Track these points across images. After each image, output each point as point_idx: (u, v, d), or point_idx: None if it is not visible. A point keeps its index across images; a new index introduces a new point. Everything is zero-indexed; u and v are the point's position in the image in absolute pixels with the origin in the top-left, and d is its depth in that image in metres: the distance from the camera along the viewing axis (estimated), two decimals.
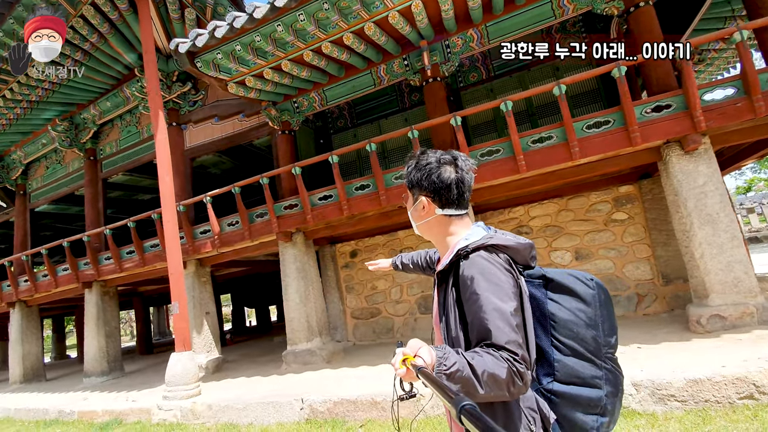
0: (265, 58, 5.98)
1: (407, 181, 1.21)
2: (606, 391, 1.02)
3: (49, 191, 10.68)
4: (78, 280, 8.89)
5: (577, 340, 1.02)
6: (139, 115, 9.33)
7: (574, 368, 1.02)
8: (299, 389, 5.14)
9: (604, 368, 1.02)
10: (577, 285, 1.05)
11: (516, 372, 0.88)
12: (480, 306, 0.96)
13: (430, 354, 0.84)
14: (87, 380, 8.74)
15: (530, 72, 7.41)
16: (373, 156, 6.00)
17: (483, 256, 1.02)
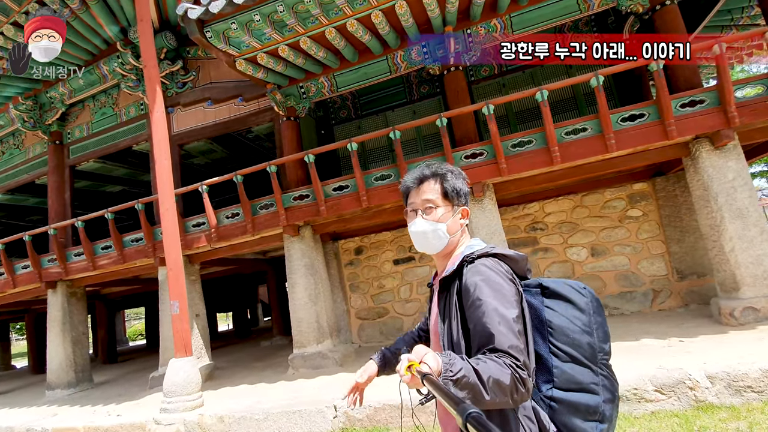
0: (282, 33, 5.49)
1: (453, 189, 1.18)
2: (604, 398, 1.03)
3: (3, 179, 9.39)
4: (41, 279, 7.81)
5: (574, 347, 1.04)
6: (116, 95, 8.41)
7: (572, 374, 1.03)
8: (322, 395, 4.67)
9: (601, 374, 1.04)
10: (572, 293, 1.08)
11: (519, 378, 0.89)
12: (483, 312, 0.97)
13: (436, 360, 0.84)
14: (51, 393, 7.67)
15: (543, 69, 7.38)
16: (397, 144, 5.66)
17: (487, 264, 1.04)
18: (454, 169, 1.22)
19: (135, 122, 8.19)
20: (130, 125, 8.23)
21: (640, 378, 3.56)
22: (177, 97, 7.91)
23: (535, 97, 5.21)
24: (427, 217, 1.19)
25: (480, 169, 5.51)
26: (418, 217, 1.20)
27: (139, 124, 8.16)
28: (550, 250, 6.72)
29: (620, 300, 6.36)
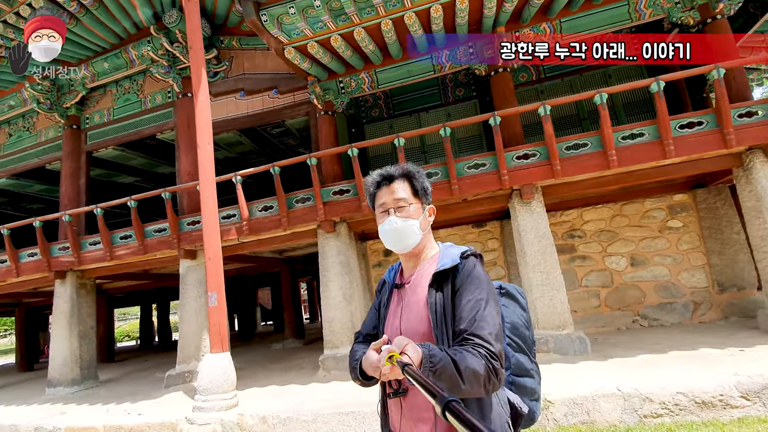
0: (337, 22, 5.37)
1: (420, 188, 1.23)
2: (537, 380, 1.23)
3: (9, 163, 8.95)
4: (49, 268, 7.38)
5: (522, 339, 1.22)
6: (142, 81, 8.14)
7: (521, 362, 1.20)
8: (363, 397, 4.41)
9: (533, 362, 1.23)
10: (518, 296, 1.28)
11: (492, 368, 0.94)
12: (473, 303, 1.04)
13: (416, 351, 0.87)
14: (52, 391, 7.17)
15: (582, 77, 7.40)
16: (447, 142, 5.54)
17: (477, 263, 1.13)
18: (419, 169, 1.26)
19: (160, 110, 7.92)
20: (155, 113, 7.95)
21: (724, 385, 3.44)
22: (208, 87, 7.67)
23: (593, 99, 5.16)
24: (400, 215, 1.19)
25: (532, 170, 5.41)
26: (391, 216, 1.20)
27: (165, 112, 7.89)
28: (588, 258, 6.63)
29: (660, 311, 6.27)
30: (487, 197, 5.88)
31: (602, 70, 7.34)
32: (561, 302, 5.32)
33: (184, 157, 7.33)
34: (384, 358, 0.85)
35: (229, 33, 7.64)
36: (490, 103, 7.64)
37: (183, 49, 7.26)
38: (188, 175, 7.25)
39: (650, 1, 5.87)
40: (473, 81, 7.92)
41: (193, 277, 6.83)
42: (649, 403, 3.51)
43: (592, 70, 7.36)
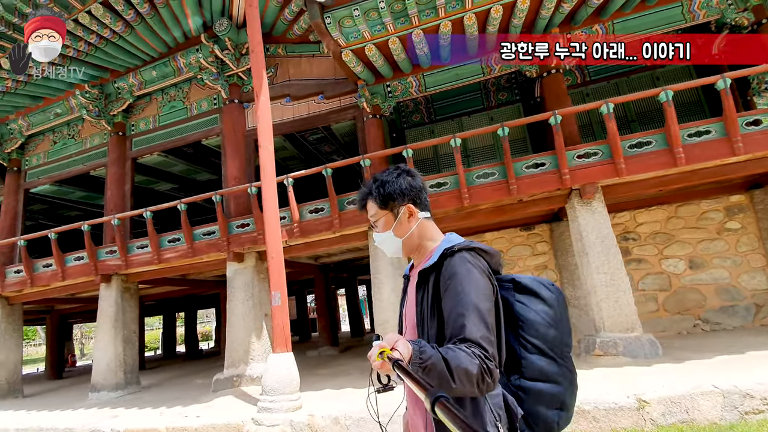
0: (395, 24, 5.43)
1: (381, 199, 1.21)
2: (564, 387, 1.08)
3: (54, 169, 9.11)
4: (96, 272, 7.42)
5: (542, 339, 1.08)
6: (188, 89, 8.30)
7: (539, 366, 1.07)
8: None
9: (563, 366, 1.09)
10: (540, 288, 1.13)
11: (486, 369, 0.92)
12: (458, 302, 1.01)
13: (407, 347, 0.87)
14: (95, 395, 7.12)
15: (629, 79, 7.37)
16: (505, 141, 5.52)
17: (466, 257, 1.07)
18: (382, 177, 1.23)
19: (206, 116, 8.05)
20: (201, 119, 8.08)
21: None
22: (253, 93, 7.79)
23: (658, 97, 5.12)
24: (377, 230, 1.26)
25: (593, 169, 5.35)
26: (374, 232, 1.29)
27: (210, 119, 8.01)
28: (644, 261, 6.49)
29: (722, 315, 6.08)
30: (544, 198, 5.82)
31: (650, 72, 7.31)
32: (627, 304, 5.19)
33: (231, 162, 7.40)
34: (375, 354, 0.85)
35: (274, 41, 7.79)
36: (533, 107, 7.65)
37: (232, 56, 7.41)
38: (235, 179, 7.30)
39: (704, 2, 5.87)
40: (516, 85, 7.94)
41: (241, 281, 6.81)
42: (750, 399, 3.36)
43: (638, 72, 7.33)
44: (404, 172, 1.24)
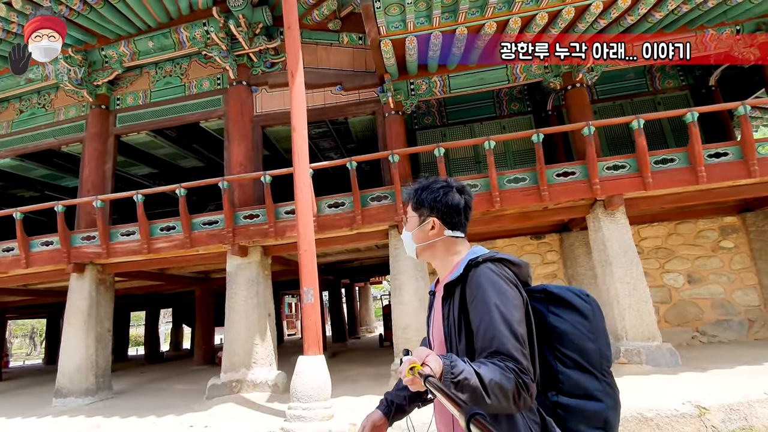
0: (441, 19, 5.30)
1: (415, 201, 1.23)
2: (607, 404, 1.02)
3: (17, 141, 7.97)
4: (69, 259, 6.52)
5: (579, 353, 1.03)
6: (187, 65, 7.62)
7: (577, 381, 1.02)
8: None
9: (604, 381, 1.03)
10: (574, 299, 1.07)
11: (522, 383, 0.89)
12: (486, 315, 0.97)
13: (438, 362, 0.83)
14: (61, 401, 6.21)
15: (632, 101, 7.76)
16: (539, 148, 5.54)
17: (491, 267, 1.04)
18: (428, 183, 1.23)
19: (206, 96, 7.43)
20: (201, 99, 7.44)
21: None
22: (264, 77, 7.34)
23: (684, 117, 5.37)
24: (405, 227, 1.28)
25: (622, 181, 5.50)
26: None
27: (212, 99, 7.40)
28: (647, 274, 6.70)
29: (718, 328, 6.46)
30: (567, 207, 5.90)
31: (651, 97, 7.75)
32: (649, 313, 5.34)
33: (237, 147, 6.86)
34: (405, 370, 0.82)
35: None
36: (545, 119, 7.84)
37: (245, 35, 6.90)
38: (240, 166, 6.77)
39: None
40: (528, 96, 8.10)
41: (244, 276, 6.27)
42: None
43: (641, 96, 7.75)
44: (450, 188, 1.19)
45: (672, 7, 5.47)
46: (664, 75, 7.78)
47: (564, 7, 5.20)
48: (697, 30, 6.12)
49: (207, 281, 10.00)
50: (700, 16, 5.93)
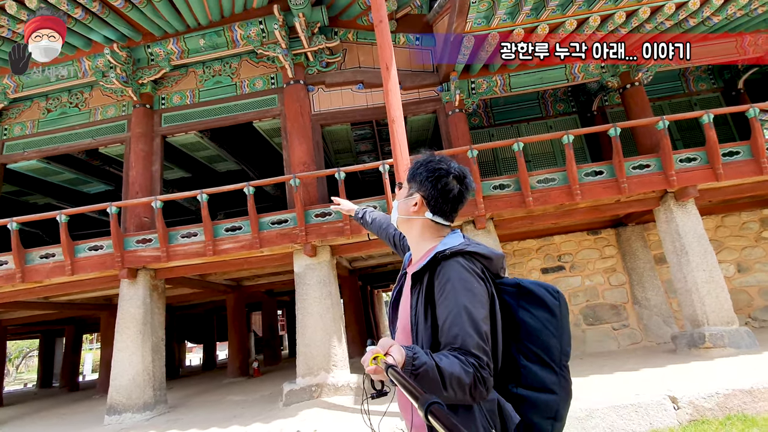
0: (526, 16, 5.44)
1: (411, 172, 1.23)
2: (560, 396, 1.06)
3: (46, 142, 7.46)
4: (122, 264, 6.10)
5: (543, 348, 1.06)
6: (237, 65, 7.43)
7: (537, 375, 1.05)
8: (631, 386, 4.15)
9: (560, 375, 1.06)
10: (546, 296, 1.08)
11: (480, 378, 0.92)
12: (452, 311, 0.99)
13: (401, 352, 0.86)
14: (116, 419, 5.72)
15: (670, 103, 8.18)
16: (617, 141, 5.72)
17: (460, 262, 1.04)
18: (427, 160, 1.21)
19: (260, 96, 7.25)
20: (253, 98, 7.25)
21: None
22: (320, 76, 7.25)
23: (747, 113, 5.71)
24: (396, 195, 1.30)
25: (695, 172, 5.75)
26: None
27: (266, 99, 7.23)
28: None
29: (766, 313, 6.78)
30: (639, 199, 6.09)
31: (687, 98, 8.20)
32: (726, 299, 5.55)
33: (298, 146, 6.70)
34: (368, 359, 0.84)
35: (343, 25, 7.37)
36: (590, 119, 8.12)
37: (306, 34, 6.82)
38: (303, 164, 6.61)
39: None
40: (572, 97, 8.39)
41: (315, 277, 6.06)
42: None
43: (678, 97, 8.19)
44: (447, 173, 1.15)
45: (731, 11, 5.85)
46: (698, 78, 8.27)
47: (640, 7, 5.46)
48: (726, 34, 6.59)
49: (238, 289, 9.60)
50: (747, 22, 6.38)
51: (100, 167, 9.27)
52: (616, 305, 6.98)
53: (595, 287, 7.09)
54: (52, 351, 14.59)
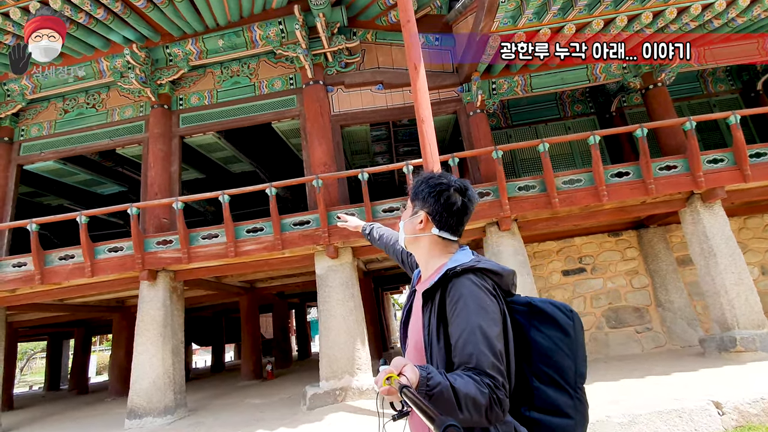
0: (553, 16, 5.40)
1: (413, 192, 1.22)
2: (576, 420, 1.02)
3: (63, 143, 7.42)
4: (143, 266, 6.05)
5: (556, 369, 1.02)
6: (256, 65, 7.40)
7: (551, 397, 1.01)
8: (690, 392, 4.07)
9: (576, 398, 1.02)
10: (558, 314, 1.06)
11: (496, 399, 0.89)
12: (465, 329, 0.97)
13: (415, 373, 0.83)
14: (137, 423, 5.65)
15: (689, 104, 8.12)
16: (644, 141, 5.66)
17: (472, 279, 1.03)
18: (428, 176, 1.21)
19: (278, 96, 7.21)
20: (272, 99, 7.21)
21: None
22: (339, 76, 7.20)
23: None
24: (402, 215, 1.30)
25: (723, 173, 5.69)
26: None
27: (285, 99, 7.19)
28: None
29: None
30: (665, 200, 6.03)
31: (706, 100, 8.15)
32: (756, 302, 5.47)
33: (319, 147, 6.65)
34: (382, 380, 0.81)
35: (362, 26, 7.34)
36: (608, 120, 8.06)
37: (326, 34, 6.78)
38: (323, 165, 6.56)
39: None
40: (590, 98, 8.33)
41: (337, 279, 6.01)
42: None
43: (698, 98, 8.14)
44: (449, 187, 1.14)
45: (756, 13, 5.81)
46: (716, 79, 8.21)
47: (667, 8, 5.42)
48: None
49: (252, 291, 9.53)
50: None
51: (113, 168, 9.25)
52: (639, 308, 6.90)
53: (617, 289, 7.01)
54: (59, 353, 14.52)
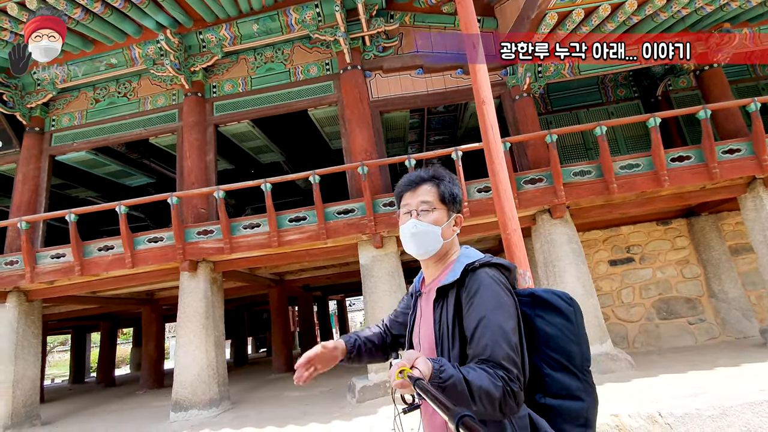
0: None
1: (447, 193, 1.17)
2: (588, 403, 1.04)
3: (95, 133, 7.29)
4: (184, 256, 5.92)
5: (564, 355, 1.05)
6: (290, 51, 7.18)
7: (562, 382, 1.04)
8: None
9: (584, 381, 1.05)
10: (559, 303, 1.08)
11: (510, 391, 0.90)
12: (481, 322, 0.98)
13: (427, 365, 0.85)
14: (182, 415, 5.55)
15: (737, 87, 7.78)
16: (707, 124, 5.39)
17: (489, 273, 1.04)
18: (451, 175, 1.21)
19: (315, 83, 6.99)
20: (308, 86, 7.00)
21: None
22: (377, 61, 6.98)
23: None
24: (422, 219, 1.16)
25: None
26: (412, 219, 1.17)
27: (321, 86, 6.97)
28: None
29: None
30: (725, 186, 5.77)
31: (755, 83, 7.81)
32: None
33: (359, 134, 6.45)
34: (395, 373, 0.82)
35: (400, 8, 7.09)
36: (654, 104, 7.76)
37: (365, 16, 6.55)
38: (365, 152, 6.36)
39: None
40: (634, 82, 8.03)
41: (383, 269, 5.84)
42: None
43: (746, 82, 7.80)
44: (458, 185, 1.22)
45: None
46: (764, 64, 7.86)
47: None
48: None
49: (282, 284, 9.41)
50: None
51: (138, 160, 9.12)
52: (691, 299, 6.66)
53: (667, 280, 6.77)
54: (83, 346, 14.59)
